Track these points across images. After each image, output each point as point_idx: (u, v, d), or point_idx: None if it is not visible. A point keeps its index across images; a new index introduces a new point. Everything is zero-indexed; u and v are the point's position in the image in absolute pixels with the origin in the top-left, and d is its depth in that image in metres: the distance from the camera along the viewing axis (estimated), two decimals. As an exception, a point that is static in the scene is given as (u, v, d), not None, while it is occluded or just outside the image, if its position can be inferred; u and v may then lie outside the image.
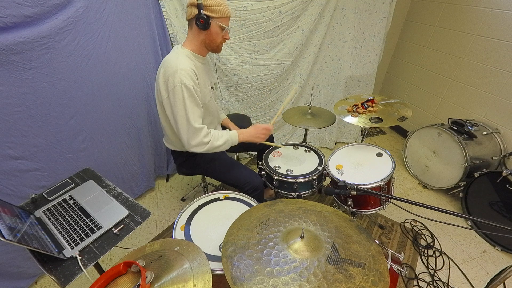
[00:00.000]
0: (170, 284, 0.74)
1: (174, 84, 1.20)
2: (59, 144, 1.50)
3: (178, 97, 1.22)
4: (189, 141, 1.28)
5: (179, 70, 1.21)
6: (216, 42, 1.32)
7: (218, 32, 1.28)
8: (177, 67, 1.21)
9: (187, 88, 1.22)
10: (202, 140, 1.29)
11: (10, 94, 1.25)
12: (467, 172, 1.93)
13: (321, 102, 2.58)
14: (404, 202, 0.89)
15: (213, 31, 1.27)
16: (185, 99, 1.22)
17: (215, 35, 1.29)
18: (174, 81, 1.20)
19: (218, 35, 1.29)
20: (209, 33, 1.28)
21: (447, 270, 1.64)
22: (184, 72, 1.21)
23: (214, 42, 1.31)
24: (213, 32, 1.28)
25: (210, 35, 1.28)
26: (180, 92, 1.21)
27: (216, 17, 1.23)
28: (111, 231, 1.01)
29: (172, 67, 1.22)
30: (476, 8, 2.07)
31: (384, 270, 0.79)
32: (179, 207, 2.14)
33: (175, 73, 1.20)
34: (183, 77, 1.21)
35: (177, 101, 1.23)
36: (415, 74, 2.72)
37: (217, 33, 1.28)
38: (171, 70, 1.21)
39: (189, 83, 1.22)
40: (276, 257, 0.82)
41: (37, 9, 1.22)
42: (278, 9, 1.95)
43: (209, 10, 1.21)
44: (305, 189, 1.56)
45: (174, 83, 1.20)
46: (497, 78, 1.99)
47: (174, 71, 1.20)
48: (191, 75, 1.24)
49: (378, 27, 2.25)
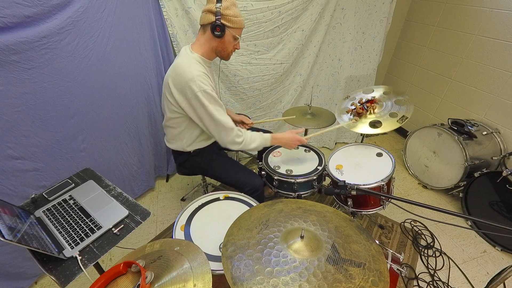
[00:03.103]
0: (170, 284, 0.74)
1: (194, 91, 1.24)
2: (59, 144, 1.50)
3: (203, 103, 1.26)
4: (222, 138, 1.35)
5: (196, 76, 1.23)
6: (227, 51, 1.35)
7: (231, 41, 1.31)
8: (193, 74, 1.24)
9: (207, 93, 1.26)
10: (234, 140, 1.35)
11: (10, 94, 1.25)
12: (467, 172, 1.93)
13: (321, 102, 2.58)
14: (404, 202, 0.89)
15: (226, 40, 1.30)
16: (209, 104, 1.27)
17: (228, 43, 1.32)
18: (193, 88, 1.23)
19: (230, 44, 1.32)
20: (222, 41, 1.30)
21: (447, 270, 1.64)
22: (201, 77, 1.25)
23: (225, 50, 1.34)
24: (226, 41, 1.30)
25: (223, 43, 1.31)
26: (203, 98, 1.25)
27: (232, 27, 1.26)
28: (111, 231, 1.01)
29: (187, 74, 1.24)
30: (476, 8, 2.07)
31: (384, 270, 0.79)
32: (179, 207, 2.14)
33: (193, 80, 1.23)
34: (202, 84, 1.24)
35: (202, 106, 1.27)
36: (415, 74, 2.72)
37: (230, 42, 1.31)
38: (186, 77, 1.23)
39: (208, 88, 1.26)
40: (276, 257, 0.82)
41: (37, 9, 1.22)
42: (278, 9, 1.95)
43: (226, 19, 1.23)
44: (305, 189, 1.56)
45: (194, 90, 1.23)
46: (497, 78, 1.99)
47: (191, 78, 1.23)
48: (207, 80, 1.28)
49: (378, 27, 2.25)
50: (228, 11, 1.22)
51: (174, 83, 1.28)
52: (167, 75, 1.34)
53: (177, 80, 1.26)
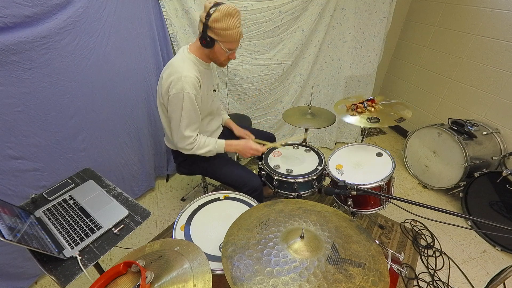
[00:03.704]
0: (170, 284, 0.74)
1: (176, 90, 1.22)
2: (59, 144, 1.50)
3: (178, 104, 1.24)
4: (177, 144, 1.38)
5: (183, 77, 1.22)
6: (220, 60, 1.32)
7: (221, 52, 1.26)
8: (182, 74, 1.22)
9: (188, 97, 1.24)
10: (185, 147, 1.37)
11: (10, 94, 1.25)
12: (467, 172, 1.93)
13: (321, 102, 2.58)
14: (404, 202, 0.89)
15: (216, 51, 1.25)
16: (184, 106, 1.25)
17: (219, 54, 1.27)
18: (177, 87, 1.22)
19: (222, 55, 1.27)
20: (213, 52, 1.27)
21: (447, 270, 1.64)
22: (188, 80, 1.22)
23: (217, 59, 1.32)
24: (217, 52, 1.26)
25: (213, 53, 1.28)
26: (181, 99, 1.23)
27: (221, 40, 1.20)
28: (111, 231, 1.01)
29: (177, 73, 1.23)
30: (476, 8, 2.07)
31: (384, 270, 0.79)
32: (179, 207, 2.14)
33: (179, 79, 1.21)
34: (186, 85, 1.22)
35: (176, 107, 1.26)
36: (415, 74, 2.72)
37: (221, 53, 1.26)
38: (175, 76, 1.22)
39: (191, 91, 1.24)
40: (276, 257, 0.82)
41: (37, 9, 1.22)
42: (278, 9, 1.95)
43: (214, 32, 1.18)
44: (305, 189, 1.56)
45: (177, 88, 1.22)
46: (497, 78, 1.99)
47: (178, 77, 1.22)
48: (195, 84, 1.25)
49: (378, 27, 2.25)
50: (217, 24, 1.14)
51: (165, 80, 1.26)
52: (161, 73, 1.33)
53: (168, 77, 1.25)
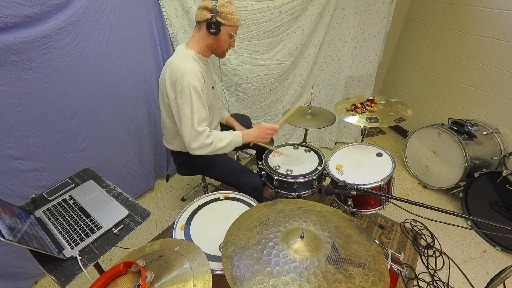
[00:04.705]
0: (170, 284, 0.74)
1: (182, 85, 1.21)
2: (59, 144, 1.50)
3: (186, 99, 1.22)
4: (190, 144, 1.27)
5: (187, 72, 1.21)
6: (222, 48, 1.34)
7: (226, 39, 1.30)
8: (185, 69, 1.22)
9: (195, 90, 1.22)
10: (203, 142, 1.27)
11: (10, 94, 1.25)
12: (467, 172, 1.93)
13: (321, 102, 2.58)
14: (404, 202, 0.89)
15: (221, 38, 1.29)
16: (193, 101, 1.23)
17: (223, 41, 1.30)
18: (182, 83, 1.21)
19: (225, 42, 1.31)
20: (218, 39, 1.29)
21: (447, 270, 1.64)
22: (193, 74, 1.22)
23: (220, 48, 1.33)
24: (222, 39, 1.29)
25: (218, 41, 1.29)
26: (188, 94, 1.21)
27: (227, 24, 1.25)
28: (111, 231, 1.01)
29: (180, 69, 1.22)
30: (476, 8, 2.07)
31: (384, 270, 0.79)
32: (179, 207, 2.14)
33: (183, 75, 1.21)
34: (192, 79, 1.21)
35: (184, 102, 1.23)
36: (415, 74, 2.72)
37: (225, 40, 1.30)
38: (178, 72, 1.21)
39: (198, 84, 1.23)
40: (276, 257, 0.82)
41: (37, 9, 1.22)
42: (278, 9, 1.95)
43: (222, 17, 1.22)
44: (305, 189, 1.56)
45: (183, 84, 1.21)
46: (497, 78, 1.99)
47: (182, 73, 1.21)
48: (199, 77, 1.25)
49: (378, 27, 2.25)
50: (224, 9, 1.20)
51: (168, 80, 1.25)
52: (162, 72, 1.33)
53: (170, 76, 1.24)
